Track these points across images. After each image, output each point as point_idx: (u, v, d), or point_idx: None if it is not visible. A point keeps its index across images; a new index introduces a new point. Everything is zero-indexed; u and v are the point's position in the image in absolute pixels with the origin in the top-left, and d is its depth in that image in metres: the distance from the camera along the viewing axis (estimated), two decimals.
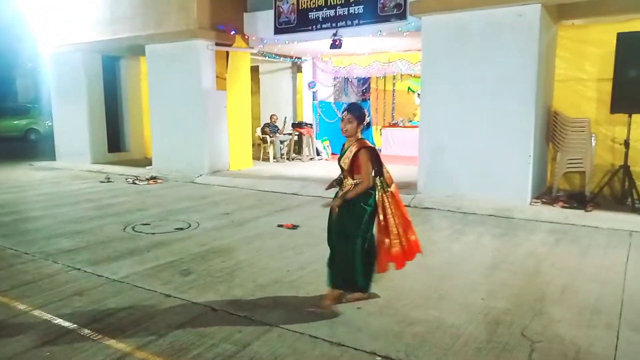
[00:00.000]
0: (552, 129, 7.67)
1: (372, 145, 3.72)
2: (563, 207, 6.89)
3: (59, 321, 3.59)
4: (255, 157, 12.54)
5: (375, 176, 3.68)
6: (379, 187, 3.69)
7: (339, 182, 3.88)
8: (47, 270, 4.71)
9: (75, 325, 3.52)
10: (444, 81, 7.54)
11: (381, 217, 3.70)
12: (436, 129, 7.69)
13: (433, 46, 7.64)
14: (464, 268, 4.72)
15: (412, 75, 13.86)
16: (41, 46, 13.32)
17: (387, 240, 3.73)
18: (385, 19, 8.92)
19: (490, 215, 6.85)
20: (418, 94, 14.11)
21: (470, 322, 3.50)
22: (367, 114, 3.81)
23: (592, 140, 7.32)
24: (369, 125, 4.10)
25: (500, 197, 7.16)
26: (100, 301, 3.94)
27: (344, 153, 3.73)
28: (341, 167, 3.77)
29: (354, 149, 3.64)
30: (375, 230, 3.79)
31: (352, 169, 3.68)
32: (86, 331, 3.43)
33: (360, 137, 3.73)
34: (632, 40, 6.55)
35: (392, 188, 3.76)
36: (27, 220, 6.78)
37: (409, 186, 8.61)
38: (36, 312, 3.75)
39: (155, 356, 3.07)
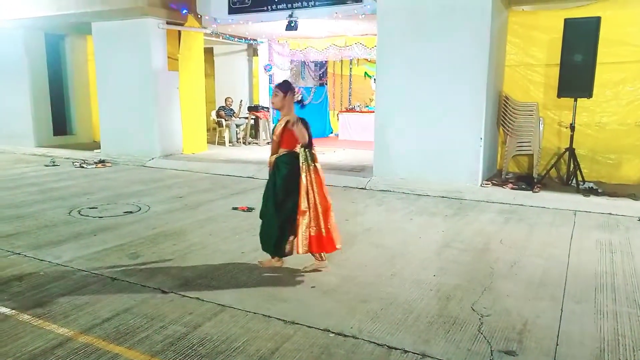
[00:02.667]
0: (502, 113, 7.88)
1: (303, 118, 3.93)
2: (512, 188, 7.11)
3: None
4: (211, 141, 12.28)
5: (302, 147, 3.90)
6: (305, 157, 3.90)
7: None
8: None
9: (14, 310, 3.32)
10: (399, 64, 7.57)
11: (302, 192, 3.88)
12: (390, 112, 7.73)
13: (388, 29, 7.64)
14: (417, 247, 4.79)
15: (369, 60, 13.88)
16: None
17: (301, 220, 3.89)
18: (342, 1, 8.84)
19: (443, 197, 6.99)
20: (374, 79, 14.22)
21: (422, 298, 3.55)
22: (294, 89, 4.04)
23: (540, 124, 7.57)
24: (301, 102, 4.33)
25: (452, 180, 7.31)
26: (41, 286, 3.74)
27: (275, 127, 4.04)
28: (273, 140, 4.05)
29: (285, 119, 3.92)
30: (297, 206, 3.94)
31: (281, 139, 3.95)
32: (26, 316, 3.24)
33: (292, 112, 3.96)
34: (578, 26, 6.77)
35: (318, 165, 3.97)
36: None
37: (364, 170, 8.67)
38: None
39: (99, 340, 2.94)
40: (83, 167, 9.47)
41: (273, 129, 4.07)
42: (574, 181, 7.10)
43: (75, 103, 13.05)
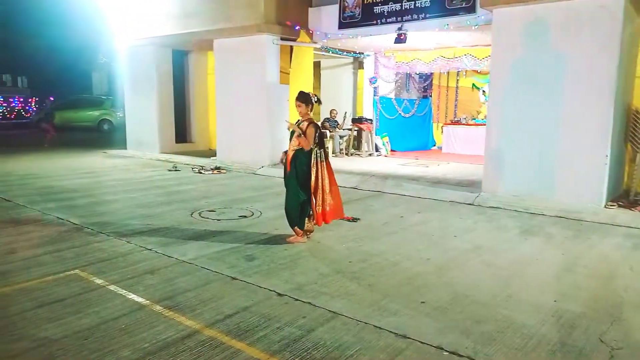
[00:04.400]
0: (632, 128, 7.20)
1: (317, 124, 5.12)
2: None
3: (133, 296, 3.78)
4: None
5: (316, 146, 5.05)
6: (317, 154, 5.06)
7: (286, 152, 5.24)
8: (121, 249, 4.97)
9: (148, 301, 3.69)
10: (515, 76, 7.25)
11: (312, 178, 5.03)
12: (504, 126, 7.41)
13: (504, 40, 7.36)
14: (534, 269, 4.53)
15: (479, 71, 13.44)
16: (117, 41, 14.05)
17: (313, 200, 5.07)
18: (453, 12, 8.70)
19: (560, 217, 6.53)
20: (483, 91, 13.72)
21: (543, 324, 3.35)
22: (310, 96, 5.14)
23: None
24: (318, 102, 5.28)
25: (571, 199, 6.81)
26: (170, 280, 4.11)
27: (298, 125, 5.08)
28: (293, 133, 5.08)
29: (305, 123, 5.06)
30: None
31: (302, 136, 5.00)
32: (158, 307, 3.58)
33: (310, 116, 5.13)
34: None
35: (328, 160, 5.18)
36: (101, 204, 7.18)
37: (472, 184, 8.38)
38: (112, 287, 3.96)
39: (223, 335, 3.16)
40: (201, 172, 10.25)
41: (292, 132, 5.13)
42: None
43: (195, 114, 14.21)
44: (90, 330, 3.21)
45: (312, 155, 5.03)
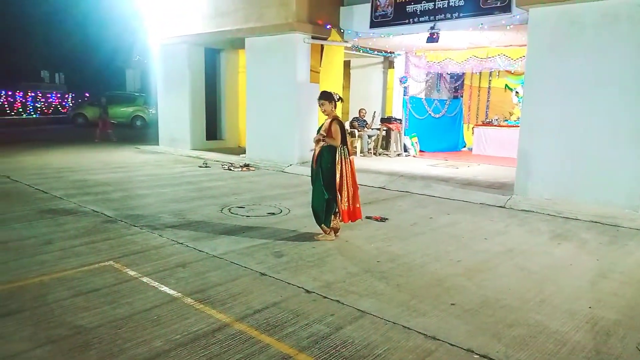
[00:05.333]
0: None
1: (341, 121, 5.22)
2: None
3: (165, 289, 3.85)
4: None
5: (340, 143, 5.10)
6: (342, 152, 5.12)
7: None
8: (153, 242, 5.08)
9: (179, 293, 3.76)
10: (550, 77, 7.09)
11: (337, 176, 5.09)
12: (539, 127, 7.26)
13: (540, 40, 7.20)
14: (567, 274, 4.42)
15: (512, 72, 13.18)
16: (151, 39, 14.35)
17: (339, 197, 5.13)
18: (488, 11, 8.56)
19: (595, 222, 6.35)
20: (516, 92, 13.45)
21: (577, 330, 3.27)
22: (332, 94, 5.19)
23: None
24: (340, 100, 5.30)
25: (606, 204, 6.62)
26: (201, 274, 4.18)
27: (323, 124, 5.23)
28: (320, 134, 5.16)
29: (329, 120, 5.15)
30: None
31: (328, 134, 5.09)
32: (189, 300, 3.65)
33: (335, 114, 5.21)
34: None
35: (351, 158, 5.23)
36: (133, 198, 7.35)
37: (503, 187, 8.24)
38: (144, 279, 4.05)
39: (252, 329, 3.20)
40: (230, 169, 10.39)
41: (321, 126, 5.26)
42: None
43: (225, 111, 14.40)
44: (124, 320, 3.30)
45: (337, 152, 5.09)
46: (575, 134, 6.90)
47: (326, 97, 5.16)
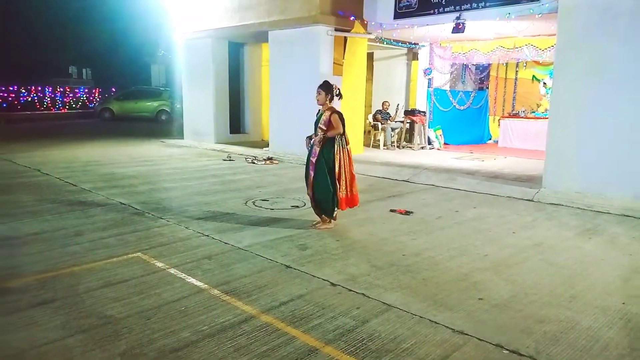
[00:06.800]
0: None
1: (340, 112, 5.22)
2: None
3: (192, 280, 3.90)
4: (365, 144, 12.56)
5: (338, 134, 5.18)
6: (340, 141, 5.20)
7: (310, 137, 5.37)
8: (180, 234, 5.14)
9: (206, 285, 3.80)
10: (581, 67, 6.89)
11: (336, 166, 5.19)
12: (568, 119, 7.07)
13: (571, 29, 7.01)
14: (599, 269, 4.30)
15: (540, 62, 12.87)
16: (175, 34, 14.48)
17: (337, 185, 5.22)
18: (516, 0, 8.35)
19: (627, 216, 6.17)
20: (544, 83, 13.13)
21: (610, 327, 3.18)
22: (333, 89, 5.26)
23: None
24: (338, 95, 5.34)
25: (638, 197, 6.41)
26: (227, 266, 4.22)
27: (320, 118, 5.24)
28: (320, 128, 5.22)
29: (328, 113, 5.18)
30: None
31: (327, 128, 5.17)
32: (216, 292, 3.68)
33: (330, 105, 5.22)
34: None
35: (348, 147, 5.30)
36: (160, 190, 7.46)
37: (531, 180, 8.07)
38: (172, 270, 4.11)
39: (278, 321, 3.21)
40: (254, 163, 10.44)
41: (318, 118, 5.27)
42: None
43: (248, 105, 14.45)
44: (152, 310, 3.35)
45: (336, 142, 5.19)
46: (608, 126, 6.70)
47: (326, 87, 5.24)
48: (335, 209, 5.37)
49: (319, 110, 5.33)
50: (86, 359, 2.75)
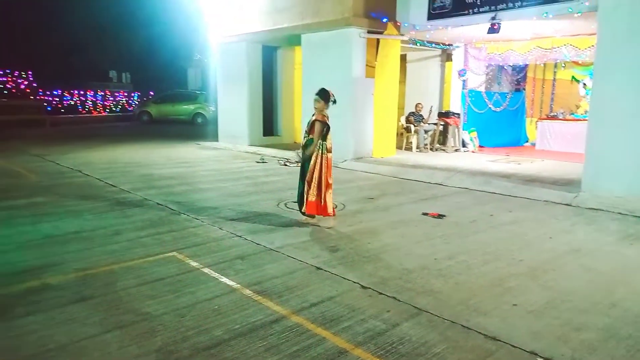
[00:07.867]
0: None
1: (325, 120, 5.58)
2: None
3: (225, 280, 3.97)
4: (398, 146, 12.46)
5: (318, 140, 5.50)
6: (320, 146, 5.53)
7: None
8: (213, 234, 5.24)
9: (238, 285, 3.87)
10: (624, 67, 6.65)
11: (310, 167, 5.47)
12: (610, 121, 6.83)
13: (612, 28, 6.78)
14: None
15: (579, 62, 12.48)
16: (211, 38, 14.78)
17: (306, 188, 5.50)
18: None
19: None
20: (584, 84, 12.73)
21: None
22: (330, 95, 5.64)
23: None
24: (334, 101, 5.67)
25: None
26: (259, 266, 4.28)
27: (309, 121, 5.63)
28: (306, 130, 5.69)
29: (313, 118, 5.58)
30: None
31: (309, 132, 5.59)
32: (248, 292, 3.74)
33: (323, 112, 5.59)
34: None
35: (329, 154, 5.62)
36: (195, 191, 7.62)
37: (569, 184, 7.84)
38: (206, 270, 4.19)
39: (309, 322, 3.24)
40: (287, 165, 10.53)
41: (308, 123, 5.67)
42: None
43: (281, 108, 14.59)
44: (186, 308, 3.43)
45: (315, 146, 5.53)
46: None
47: (324, 95, 5.61)
48: (302, 209, 5.66)
49: (313, 114, 5.68)
50: (123, 354, 2.84)
